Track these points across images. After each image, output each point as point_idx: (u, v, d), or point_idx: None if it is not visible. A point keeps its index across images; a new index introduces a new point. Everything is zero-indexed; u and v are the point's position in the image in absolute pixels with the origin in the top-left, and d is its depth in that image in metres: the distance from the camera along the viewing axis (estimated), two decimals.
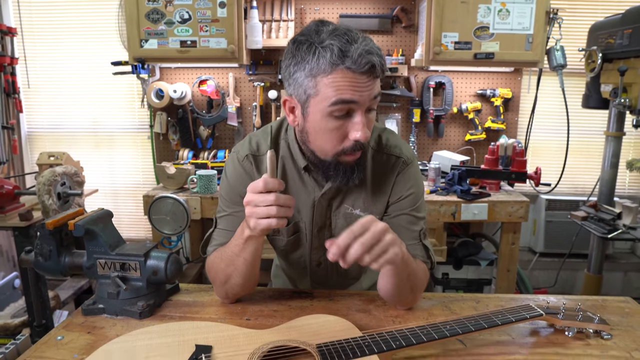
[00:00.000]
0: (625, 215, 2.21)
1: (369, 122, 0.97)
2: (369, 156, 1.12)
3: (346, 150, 0.97)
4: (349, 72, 0.89)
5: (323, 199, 1.13)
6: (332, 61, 0.89)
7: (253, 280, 1.08)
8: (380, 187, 1.13)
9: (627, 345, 0.95)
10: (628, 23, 2.13)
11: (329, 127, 0.95)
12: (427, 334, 0.88)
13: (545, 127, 2.84)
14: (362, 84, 0.90)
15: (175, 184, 2.33)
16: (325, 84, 0.91)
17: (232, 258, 1.03)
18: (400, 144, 1.15)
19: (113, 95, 2.84)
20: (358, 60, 0.88)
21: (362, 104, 0.92)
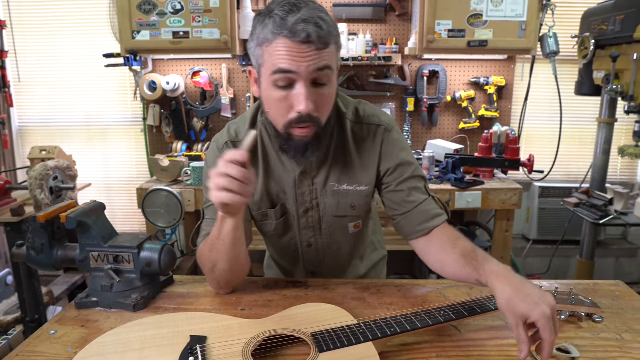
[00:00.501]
0: (617, 201, 2.23)
1: (320, 96, 0.96)
2: (348, 129, 1.12)
3: (292, 122, 0.97)
4: (288, 41, 0.90)
5: (304, 178, 1.12)
6: (273, 30, 0.91)
7: (239, 265, 1.06)
8: (365, 159, 1.13)
9: (618, 327, 0.97)
10: (620, 9, 2.13)
11: (274, 97, 0.96)
12: (422, 320, 0.89)
13: (538, 115, 2.84)
14: (301, 53, 0.90)
15: (169, 177, 2.32)
16: (269, 53, 0.93)
17: (214, 242, 1.02)
18: (378, 113, 1.15)
19: (105, 88, 2.82)
20: (293, 28, 0.89)
21: (302, 75, 0.91)
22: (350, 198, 1.15)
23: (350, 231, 1.21)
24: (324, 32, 0.90)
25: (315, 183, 1.13)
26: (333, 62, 0.96)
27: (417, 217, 1.10)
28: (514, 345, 0.90)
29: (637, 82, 2.04)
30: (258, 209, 1.17)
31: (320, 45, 0.91)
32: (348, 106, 1.15)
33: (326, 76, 0.95)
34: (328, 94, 0.98)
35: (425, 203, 1.11)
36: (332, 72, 0.96)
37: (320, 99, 0.96)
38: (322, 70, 0.93)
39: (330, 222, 1.18)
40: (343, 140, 1.13)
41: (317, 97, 0.96)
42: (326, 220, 1.17)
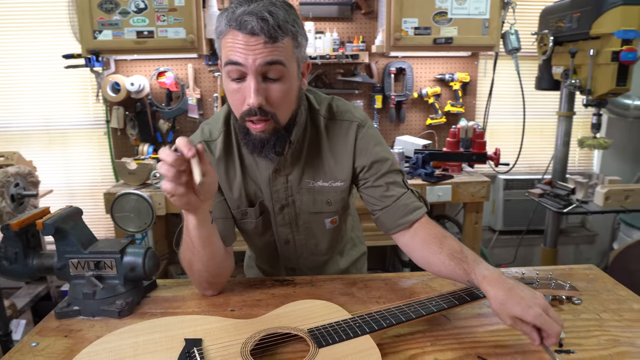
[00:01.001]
0: (578, 190, 2.34)
1: (272, 91, 0.95)
2: (322, 125, 1.13)
3: (244, 115, 0.97)
4: (237, 32, 0.91)
5: (278, 175, 1.12)
6: (226, 22, 0.92)
7: (216, 264, 1.03)
8: (340, 155, 1.13)
9: (596, 308, 1.02)
10: (576, 7, 2.23)
11: (230, 88, 0.97)
12: (415, 311, 0.90)
13: (500, 110, 2.94)
14: (249, 45, 0.90)
15: (137, 180, 2.26)
16: (224, 45, 0.95)
17: (186, 241, 1.01)
18: (351, 109, 1.16)
19: (65, 90, 2.70)
20: (238, 19, 0.90)
21: (250, 68, 0.91)
22: (326, 194, 1.15)
23: (327, 227, 1.21)
24: (269, 26, 0.90)
25: (289, 180, 1.13)
26: (286, 57, 0.94)
27: (397, 211, 1.11)
28: (502, 330, 0.93)
29: (594, 76, 2.15)
30: (237, 208, 1.16)
31: (267, 38, 0.90)
32: (321, 102, 1.15)
33: (278, 71, 0.94)
34: (282, 89, 0.96)
35: (404, 197, 1.12)
36: (284, 67, 0.94)
37: (273, 94, 0.95)
38: (271, 64, 0.92)
39: (307, 218, 1.18)
40: (317, 137, 1.13)
41: (270, 91, 0.95)
42: (302, 216, 1.17)
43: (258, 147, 1.01)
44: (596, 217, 3.10)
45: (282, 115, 1.00)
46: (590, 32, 2.12)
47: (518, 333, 0.91)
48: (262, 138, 0.99)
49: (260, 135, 0.99)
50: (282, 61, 0.93)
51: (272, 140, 1.00)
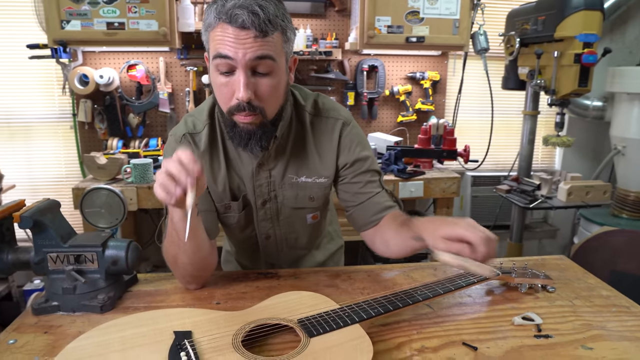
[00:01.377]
0: (543, 186, 2.44)
1: (261, 85, 0.95)
2: (308, 121, 1.13)
3: (232, 109, 0.96)
4: (227, 25, 0.90)
5: (261, 169, 1.12)
6: (215, 15, 0.92)
7: (201, 257, 1.03)
8: (324, 151, 1.15)
9: (568, 295, 1.07)
10: (541, 10, 2.32)
11: (218, 82, 0.96)
12: (402, 300, 0.92)
13: (468, 108, 3.02)
14: (238, 39, 0.90)
15: (107, 175, 2.20)
16: (212, 38, 0.94)
17: (171, 234, 1.00)
18: (337, 107, 1.17)
19: (28, 82, 2.58)
20: (228, 12, 0.89)
21: (239, 62, 0.91)
22: (309, 190, 1.16)
23: (308, 222, 1.22)
24: (260, 20, 0.89)
25: (272, 175, 1.13)
26: (276, 52, 0.94)
27: (369, 209, 1.14)
28: (484, 317, 0.97)
29: (558, 77, 2.25)
30: (220, 201, 1.15)
31: (257, 32, 0.90)
32: (307, 99, 1.15)
33: (267, 65, 0.94)
34: (271, 84, 0.96)
35: (378, 195, 1.15)
36: (274, 62, 0.94)
37: (262, 89, 0.95)
38: (261, 59, 0.92)
39: (288, 213, 1.18)
40: (302, 133, 1.14)
41: (259, 86, 0.95)
42: (284, 211, 1.18)
43: (244, 140, 1.00)
44: (557, 213, 3.23)
45: (270, 109, 0.99)
46: (554, 35, 2.21)
47: (499, 320, 0.95)
48: (249, 130, 0.99)
49: (247, 127, 0.99)
50: (272, 56, 0.93)
51: (258, 133, 1.00)
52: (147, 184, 2.13)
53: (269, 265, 1.29)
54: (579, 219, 2.87)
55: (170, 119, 2.63)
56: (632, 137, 2.68)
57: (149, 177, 2.15)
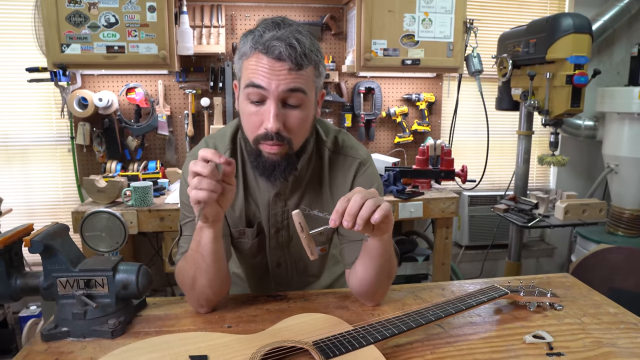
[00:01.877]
0: (540, 205, 2.46)
1: (291, 117, 0.96)
2: (326, 157, 1.15)
3: (259, 138, 0.98)
4: (262, 56, 0.92)
5: (278, 200, 1.13)
6: (252, 45, 0.94)
7: (220, 280, 1.03)
8: (338, 188, 1.15)
9: (576, 313, 1.08)
10: (532, 33, 2.39)
11: (247, 110, 0.98)
12: (414, 320, 0.93)
13: (462, 129, 3.07)
14: (273, 70, 0.92)
15: (107, 198, 2.19)
16: (245, 67, 0.96)
17: (193, 255, 1.00)
18: (356, 145, 1.19)
19: (26, 105, 2.58)
20: (266, 44, 0.91)
21: (272, 92, 0.93)
22: (320, 225, 1.16)
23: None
24: (297, 53, 0.92)
25: (287, 204, 1.14)
26: (308, 85, 0.96)
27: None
28: (496, 336, 0.97)
29: (550, 98, 2.30)
30: (235, 227, 1.16)
31: (292, 65, 0.92)
32: (328, 134, 1.16)
33: (298, 98, 0.96)
34: (301, 117, 0.98)
35: None
36: (305, 95, 0.96)
37: (291, 120, 0.97)
38: (293, 91, 0.94)
39: (299, 242, 1.18)
40: (320, 168, 1.15)
41: (288, 117, 0.97)
42: (295, 240, 1.18)
43: (268, 170, 1.01)
44: (554, 232, 3.26)
45: (296, 141, 1.01)
46: (546, 57, 2.27)
47: (510, 338, 0.96)
48: (274, 161, 1.00)
49: (272, 157, 0.99)
50: (304, 89, 0.95)
51: (282, 164, 1.01)
52: (147, 207, 2.12)
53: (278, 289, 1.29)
54: (575, 237, 2.90)
55: (168, 142, 2.64)
56: (624, 155, 2.74)
57: (149, 200, 2.14)
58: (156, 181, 2.40)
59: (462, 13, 2.53)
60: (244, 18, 2.64)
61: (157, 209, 2.11)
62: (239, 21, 2.63)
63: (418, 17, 2.49)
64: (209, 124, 2.64)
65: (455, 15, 2.52)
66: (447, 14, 2.51)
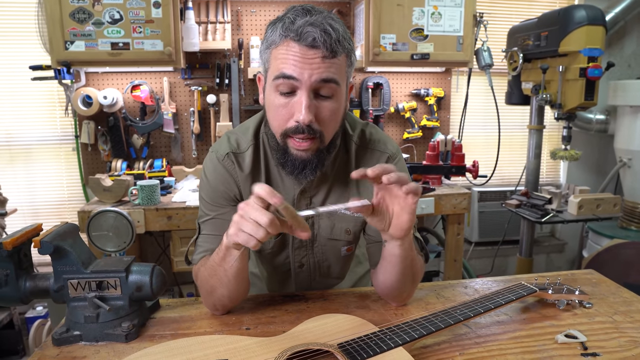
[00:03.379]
0: (553, 200, 2.42)
1: (322, 109, 0.91)
2: (353, 151, 1.10)
3: (288, 132, 0.93)
4: (294, 43, 0.87)
5: (303, 197, 1.09)
6: (282, 32, 0.88)
7: (240, 291, 1.00)
8: (366, 184, 1.10)
9: (607, 311, 1.04)
10: (544, 26, 2.34)
11: (276, 103, 0.92)
12: (443, 320, 0.89)
13: (471, 124, 3.02)
14: (305, 58, 0.87)
15: (113, 197, 2.15)
16: (274, 56, 0.91)
17: (214, 268, 0.96)
18: (385, 139, 1.13)
19: (30, 103, 2.54)
20: (298, 30, 0.86)
21: (304, 83, 0.88)
22: (346, 223, 1.12)
23: (342, 254, 1.18)
24: (332, 39, 0.87)
25: (312, 202, 1.09)
26: (340, 75, 0.91)
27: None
28: (526, 336, 0.93)
29: (563, 91, 2.25)
30: None
31: (326, 52, 0.87)
32: (355, 128, 1.11)
33: (331, 89, 0.91)
34: (332, 108, 0.93)
35: None
36: (338, 86, 0.91)
37: (323, 113, 0.92)
38: (326, 82, 0.89)
39: (323, 242, 1.14)
40: (346, 163, 1.10)
41: (320, 109, 0.91)
42: (319, 240, 1.14)
43: (298, 167, 0.96)
44: (565, 227, 3.22)
45: (328, 134, 0.95)
46: (559, 50, 2.22)
47: (541, 338, 0.92)
48: (304, 159, 0.95)
49: (302, 155, 0.94)
50: (337, 79, 0.90)
51: (314, 161, 0.95)
52: (154, 205, 2.09)
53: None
54: (587, 233, 2.85)
55: (174, 140, 2.60)
56: (636, 149, 2.69)
57: (156, 199, 2.10)
58: (162, 179, 2.36)
59: (472, 6, 2.48)
60: (250, 14, 2.59)
61: (164, 208, 2.07)
62: (245, 17, 2.59)
63: (427, 10, 2.44)
64: (215, 121, 2.60)
65: (465, 9, 2.48)
66: (456, 7, 2.47)
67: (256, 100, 2.63)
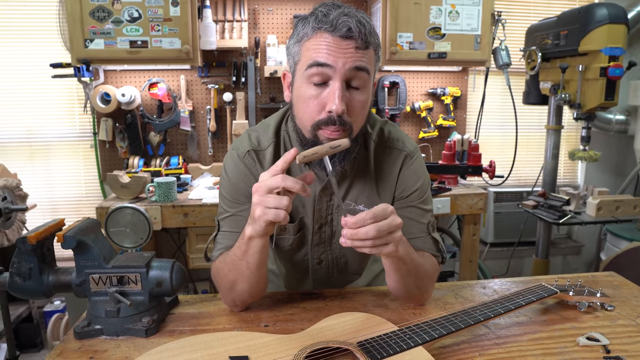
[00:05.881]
0: (571, 201, 2.39)
1: (353, 100, 0.92)
2: (372, 149, 1.10)
3: (320, 123, 0.93)
4: (327, 34, 0.89)
5: (324, 194, 1.09)
6: (314, 25, 0.91)
7: (260, 285, 1.01)
8: (384, 182, 1.11)
9: (630, 314, 1.02)
10: (563, 25, 2.31)
11: (307, 94, 0.93)
12: (463, 320, 0.88)
13: (488, 123, 2.99)
14: (340, 48, 0.89)
15: (131, 194, 2.17)
16: (307, 48, 0.93)
17: (235, 262, 0.96)
18: (403, 137, 1.13)
19: (49, 101, 2.58)
20: (333, 21, 0.89)
21: (338, 71, 0.89)
22: None
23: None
24: (366, 30, 0.90)
25: (332, 199, 1.10)
26: (371, 66, 0.93)
27: None
28: (546, 338, 0.92)
29: (583, 91, 2.22)
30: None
31: (360, 42, 0.89)
32: (374, 125, 1.12)
33: (362, 79, 0.92)
34: (362, 100, 0.94)
35: (419, 240, 1.07)
36: (368, 76, 0.92)
37: (353, 103, 0.93)
38: (359, 70, 0.90)
39: None
40: (365, 160, 1.10)
41: (351, 100, 0.92)
42: (337, 237, 1.14)
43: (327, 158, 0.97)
44: (582, 229, 3.17)
45: (356, 127, 0.96)
46: (579, 49, 2.19)
47: (562, 340, 0.91)
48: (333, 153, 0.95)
49: None
50: (368, 69, 0.92)
51: (342, 153, 0.95)
52: (170, 202, 2.10)
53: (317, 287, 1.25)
54: (605, 235, 2.81)
55: (191, 137, 2.62)
56: None
57: (173, 196, 2.12)
58: (179, 177, 2.38)
59: (490, 5, 2.45)
60: (267, 12, 2.60)
61: (180, 205, 2.09)
62: (262, 15, 2.60)
63: (445, 9, 2.42)
64: (232, 119, 2.61)
65: (482, 7, 2.45)
66: (474, 5, 2.44)
67: (272, 99, 2.64)
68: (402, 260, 0.93)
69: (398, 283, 0.99)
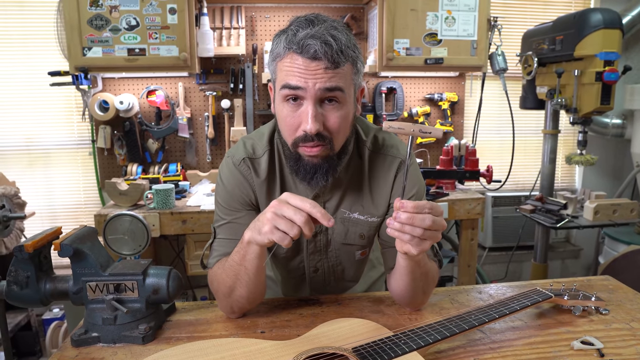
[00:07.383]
0: (569, 205, 2.40)
1: (330, 116, 0.93)
2: (366, 157, 1.11)
3: (298, 140, 0.94)
4: (297, 56, 0.89)
5: (317, 202, 1.09)
6: (285, 45, 0.91)
7: (258, 291, 1.02)
8: (379, 189, 1.11)
9: (624, 318, 1.03)
10: (559, 30, 2.33)
11: (284, 113, 0.94)
12: (457, 325, 0.89)
13: (485, 128, 3.00)
14: (308, 70, 0.89)
15: (129, 201, 2.18)
16: (280, 68, 0.94)
17: (234, 268, 0.97)
18: (397, 144, 1.13)
19: (48, 108, 2.59)
20: (300, 43, 0.88)
21: (309, 92, 0.89)
22: (360, 227, 1.12)
23: (357, 258, 1.19)
24: (333, 50, 0.88)
25: (326, 207, 1.10)
26: (346, 82, 0.92)
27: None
28: (541, 342, 0.93)
29: (579, 95, 2.23)
30: None
31: (328, 63, 0.88)
32: (368, 133, 1.12)
33: (336, 96, 0.92)
34: (340, 114, 0.94)
35: None
36: (343, 93, 0.92)
37: (330, 120, 0.93)
38: (330, 90, 0.90)
39: (337, 247, 1.15)
40: (360, 168, 1.11)
41: (327, 117, 0.93)
42: (333, 245, 1.14)
43: (310, 173, 0.98)
44: (581, 233, 3.18)
45: (337, 141, 0.97)
46: (574, 54, 2.20)
47: (557, 344, 0.91)
48: (315, 164, 0.97)
49: (313, 160, 0.96)
50: (341, 87, 0.91)
51: (324, 167, 0.97)
52: (169, 209, 2.11)
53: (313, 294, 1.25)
54: (603, 238, 2.82)
55: (189, 144, 2.63)
56: None
57: (171, 203, 2.13)
58: (177, 184, 2.38)
59: (485, 11, 2.47)
60: (264, 19, 2.62)
61: (179, 212, 2.09)
62: (259, 22, 2.62)
63: (441, 15, 2.44)
64: (230, 126, 2.62)
65: (479, 13, 2.47)
66: (470, 11, 2.46)
67: (270, 105, 2.65)
68: (418, 264, 0.95)
69: (408, 286, 1.00)
